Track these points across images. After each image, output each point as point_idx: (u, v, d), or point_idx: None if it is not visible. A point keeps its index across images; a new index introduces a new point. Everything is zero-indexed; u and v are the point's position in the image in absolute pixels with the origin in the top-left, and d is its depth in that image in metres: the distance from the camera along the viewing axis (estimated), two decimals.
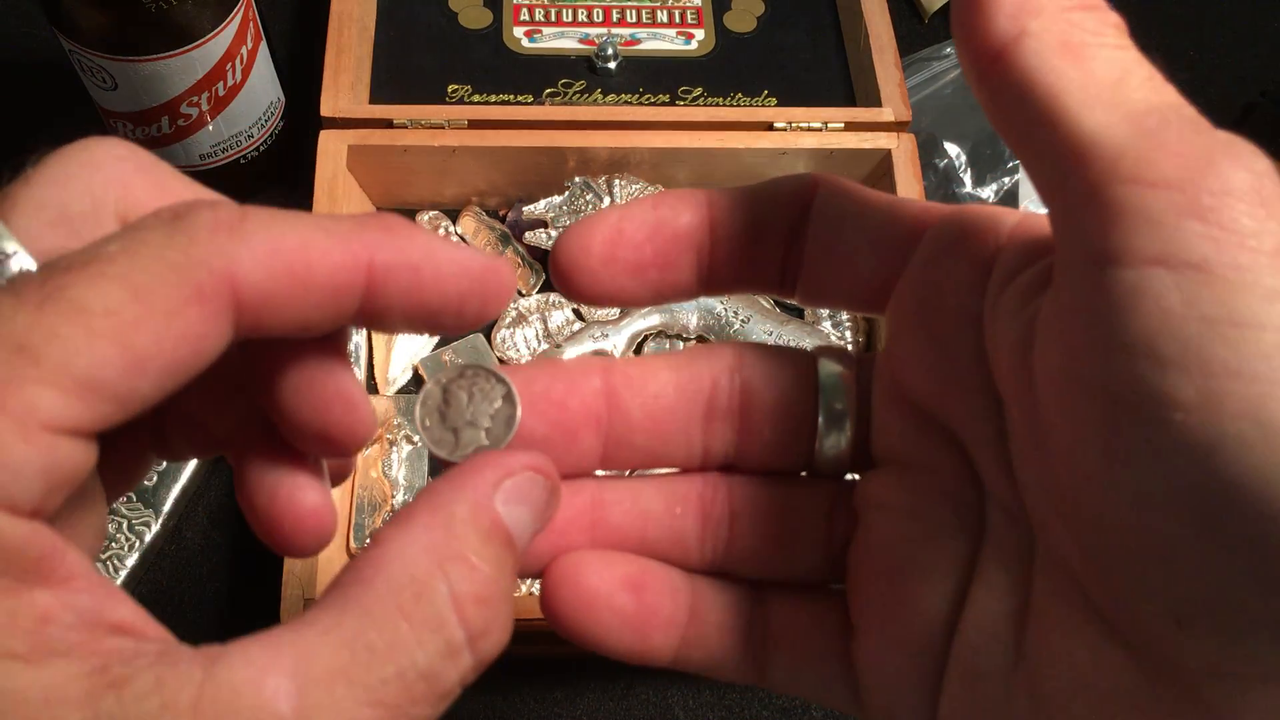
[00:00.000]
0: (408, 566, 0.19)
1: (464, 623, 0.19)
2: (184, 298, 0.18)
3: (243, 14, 0.54)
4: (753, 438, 0.24)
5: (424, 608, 0.19)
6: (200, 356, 0.18)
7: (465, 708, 0.52)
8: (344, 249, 0.19)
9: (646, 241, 0.24)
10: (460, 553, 0.20)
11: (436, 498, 0.20)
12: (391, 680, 0.18)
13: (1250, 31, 0.77)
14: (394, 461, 0.54)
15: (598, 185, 0.58)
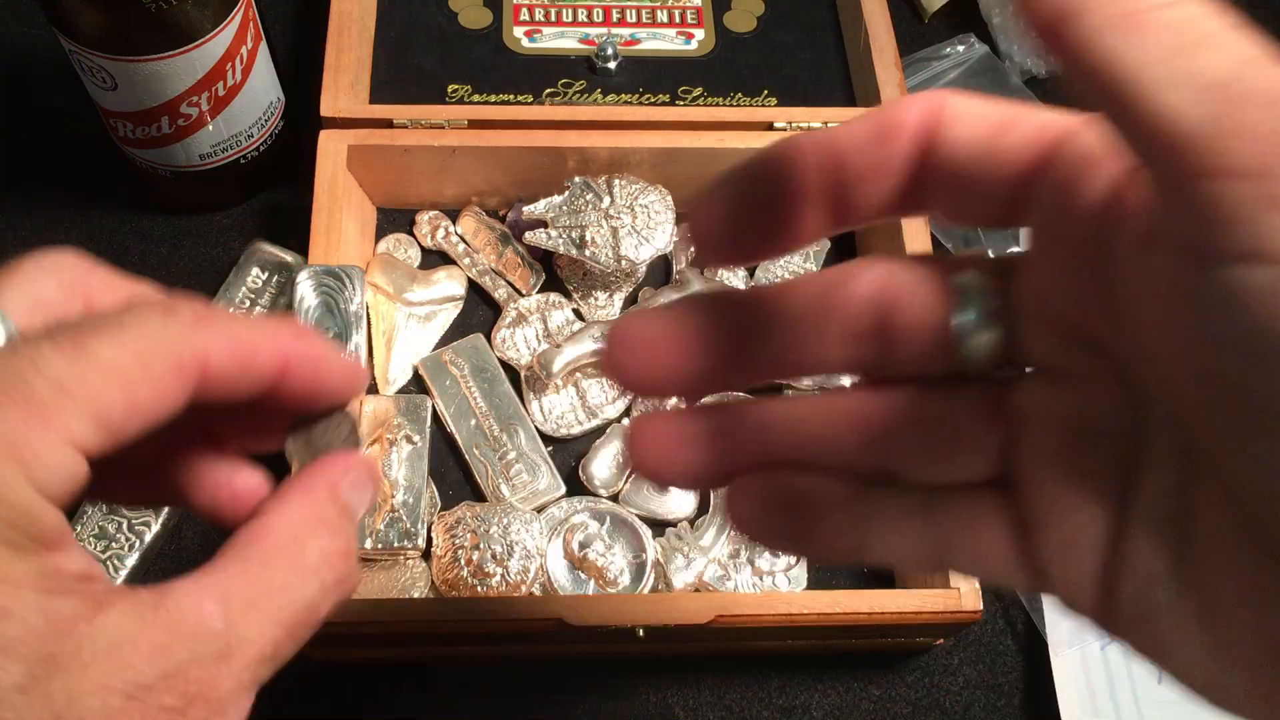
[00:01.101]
0: (291, 529, 0.26)
1: (332, 569, 0.26)
2: (170, 368, 0.24)
3: (243, 14, 0.54)
4: (901, 345, 0.25)
5: (305, 558, 0.26)
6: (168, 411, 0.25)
7: (466, 707, 0.52)
8: (273, 345, 0.27)
9: None
10: (325, 519, 0.27)
11: (304, 480, 0.28)
12: (286, 608, 0.25)
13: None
14: (394, 461, 0.54)
15: (598, 185, 0.58)
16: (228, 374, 0.26)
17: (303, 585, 0.26)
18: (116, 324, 0.24)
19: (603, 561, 0.52)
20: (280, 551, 0.26)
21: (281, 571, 0.25)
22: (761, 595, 0.51)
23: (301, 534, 0.26)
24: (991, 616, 0.56)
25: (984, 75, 0.70)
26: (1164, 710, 0.54)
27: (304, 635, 0.26)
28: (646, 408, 0.56)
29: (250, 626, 0.24)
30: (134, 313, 0.25)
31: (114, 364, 0.24)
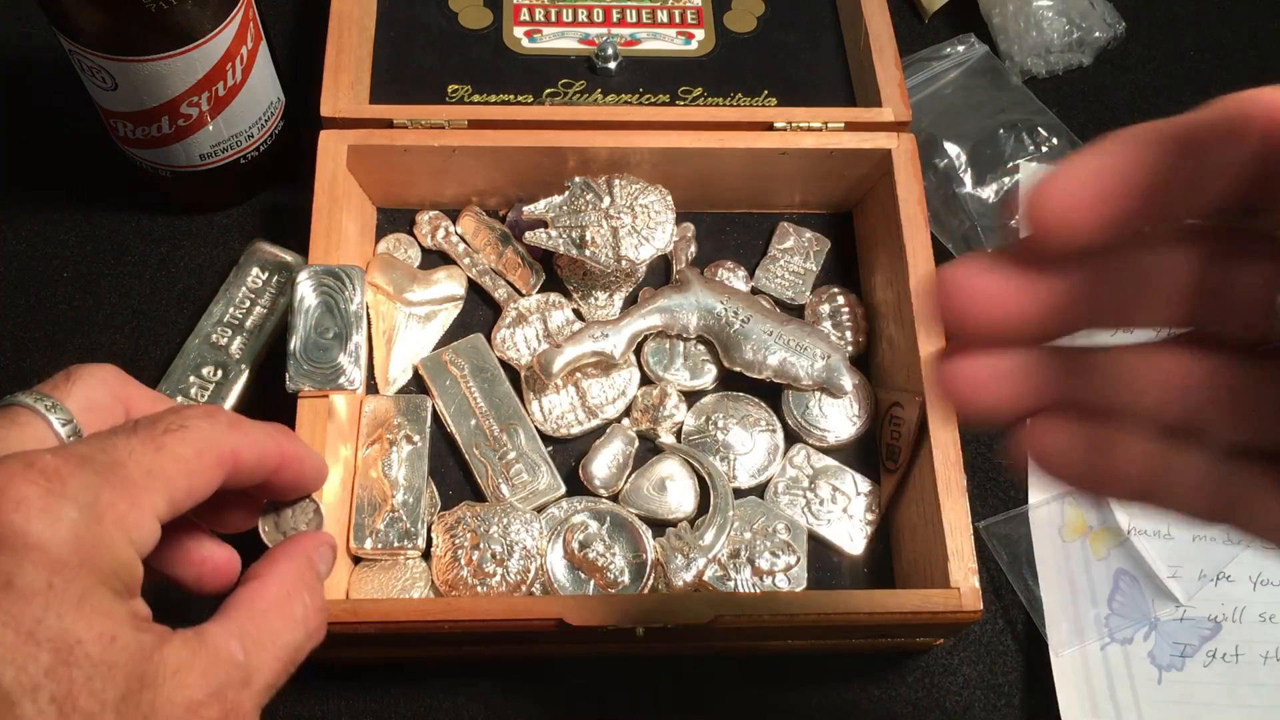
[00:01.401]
0: (283, 588, 0.34)
1: (312, 621, 0.35)
2: (214, 462, 0.33)
3: (243, 14, 0.54)
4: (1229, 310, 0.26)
5: (295, 611, 0.34)
6: (209, 494, 0.33)
7: (465, 707, 0.52)
8: (276, 446, 0.35)
9: None
10: (306, 582, 0.35)
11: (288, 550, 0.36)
12: (284, 648, 0.33)
13: (1250, 31, 0.77)
14: (394, 461, 0.54)
15: (598, 185, 0.58)
16: (249, 468, 0.34)
17: (294, 631, 0.34)
18: (180, 425, 0.32)
19: (603, 561, 0.52)
20: (277, 605, 0.34)
21: (278, 620, 0.33)
22: (761, 595, 0.51)
23: (292, 592, 0.34)
24: (991, 616, 0.56)
25: (984, 75, 0.70)
26: (1164, 710, 0.54)
27: (291, 671, 0.34)
28: (647, 406, 0.56)
29: (261, 660, 0.32)
30: (188, 416, 0.33)
31: (182, 457, 0.32)
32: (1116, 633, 0.56)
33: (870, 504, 0.56)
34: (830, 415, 0.57)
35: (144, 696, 0.28)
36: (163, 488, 0.31)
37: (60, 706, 0.27)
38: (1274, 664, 0.56)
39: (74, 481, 0.29)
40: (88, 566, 0.28)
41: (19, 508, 0.28)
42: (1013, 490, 0.59)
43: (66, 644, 0.27)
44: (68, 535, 0.28)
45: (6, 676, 0.26)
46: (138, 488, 0.30)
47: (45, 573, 0.27)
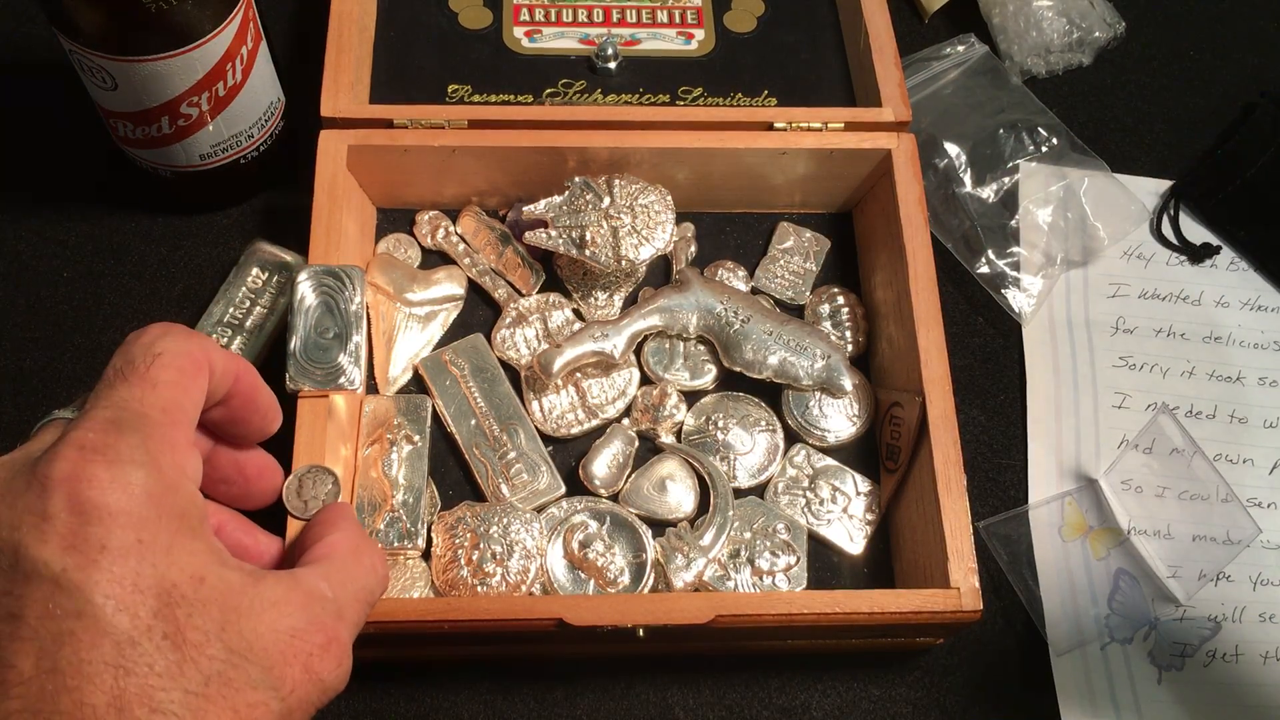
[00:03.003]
0: (352, 543, 0.38)
1: (378, 570, 0.38)
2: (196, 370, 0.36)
3: (243, 14, 0.54)
4: None
5: (364, 560, 0.38)
6: (203, 401, 0.36)
7: (465, 707, 0.52)
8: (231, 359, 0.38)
9: None
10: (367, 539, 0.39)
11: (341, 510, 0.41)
12: (362, 590, 0.37)
13: (1250, 31, 0.77)
14: (394, 461, 0.54)
15: (598, 185, 0.58)
16: (218, 377, 0.37)
17: (367, 576, 0.37)
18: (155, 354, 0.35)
19: (603, 561, 0.52)
20: (351, 554, 0.38)
21: (355, 566, 0.37)
22: (761, 595, 0.51)
23: (360, 545, 0.38)
24: (991, 616, 0.56)
25: (984, 75, 0.70)
26: (1164, 710, 0.54)
27: (368, 612, 0.38)
28: (647, 406, 0.56)
29: (347, 599, 0.36)
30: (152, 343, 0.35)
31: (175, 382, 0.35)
32: (1116, 633, 0.56)
33: (870, 504, 0.56)
34: (830, 415, 0.57)
35: (244, 624, 0.32)
36: (181, 417, 0.35)
37: (173, 641, 0.31)
38: (1274, 664, 0.56)
39: (123, 446, 0.32)
40: (165, 517, 0.32)
41: (94, 485, 0.31)
42: (1013, 490, 0.59)
43: (164, 588, 0.31)
44: (141, 495, 0.32)
45: (123, 622, 0.30)
46: (167, 427, 0.34)
47: (133, 532, 0.31)
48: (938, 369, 0.53)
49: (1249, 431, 0.62)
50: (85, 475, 0.31)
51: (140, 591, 0.31)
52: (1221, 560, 0.56)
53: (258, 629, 0.32)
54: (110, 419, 0.33)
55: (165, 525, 0.32)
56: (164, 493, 0.32)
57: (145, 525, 0.32)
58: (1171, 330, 0.65)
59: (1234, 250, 0.68)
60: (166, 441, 0.33)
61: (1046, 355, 0.63)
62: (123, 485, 0.32)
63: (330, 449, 0.50)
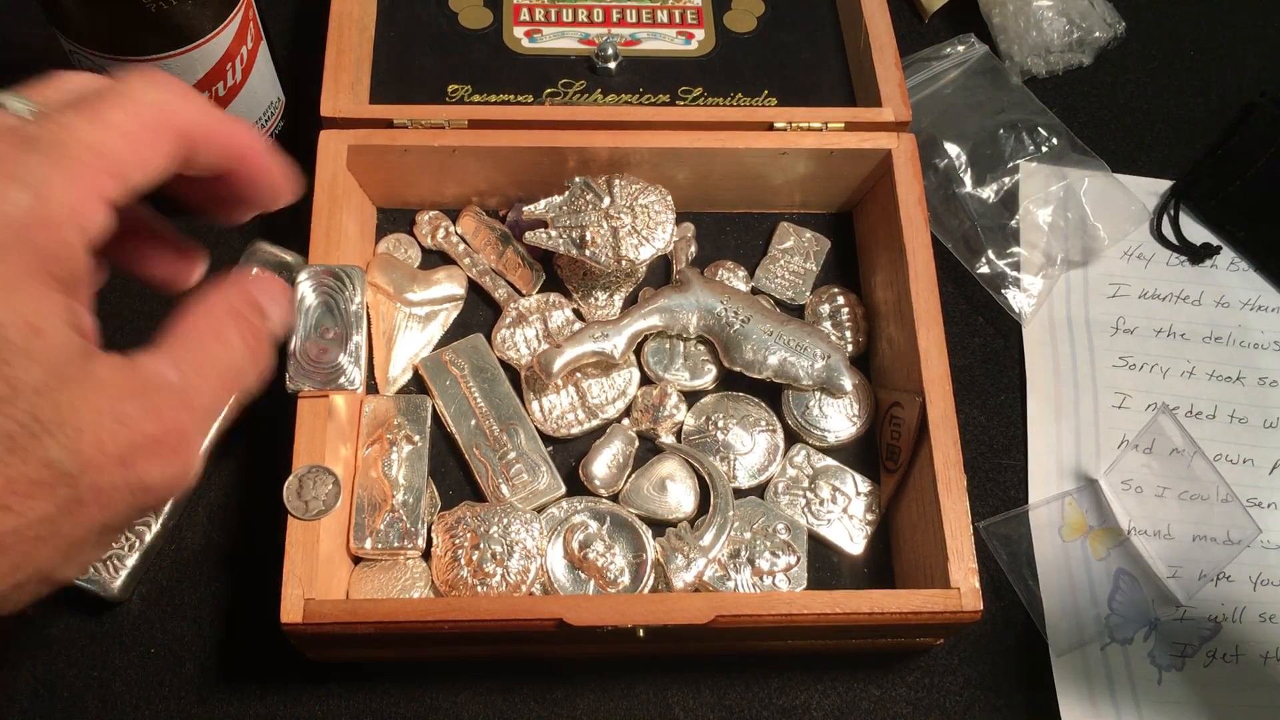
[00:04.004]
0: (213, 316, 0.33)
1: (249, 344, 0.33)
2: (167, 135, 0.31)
3: (243, 14, 0.54)
4: None
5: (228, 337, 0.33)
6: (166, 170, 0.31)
7: (465, 707, 0.52)
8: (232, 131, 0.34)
9: None
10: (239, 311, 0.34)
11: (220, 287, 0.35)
12: (222, 372, 0.32)
13: (1250, 31, 0.77)
14: (394, 461, 0.54)
15: (598, 185, 0.58)
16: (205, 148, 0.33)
17: (230, 354, 0.33)
18: (124, 94, 0.30)
19: (603, 561, 0.52)
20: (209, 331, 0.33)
21: (213, 344, 0.33)
22: (761, 595, 0.51)
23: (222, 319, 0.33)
24: (991, 616, 0.56)
25: (984, 75, 0.70)
26: (1164, 710, 0.54)
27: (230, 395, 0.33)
28: (647, 406, 0.56)
29: (198, 382, 0.31)
30: (134, 84, 0.31)
31: (129, 132, 0.30)
32: (1116, 633, 0.56)
33: (870, 504, 0.56)
34: (830, 415, 0.57)
35: (63, 394, 0.28)
36: (111, 168, 0.30)
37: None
38: (1274, 664, 0.56)
39: (21, 165, 0.28)
40: (26, 252, 0.28)
41: None
42: (1013, 490, 0.59)
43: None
44: (7, 217, 0.27)
45: None
46: (84, 169, 0.29)
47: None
48: (938, 369, 0.53)
49: (1249, 431, 0.62)
50: None
51: None
52: (1221, 560, 0.56)
53: (75, 404, 0.28)
54: (30, 133, 0.29)
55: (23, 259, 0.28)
56: (39, 227, 0.28)
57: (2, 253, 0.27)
58: (1171, 330, 0.65)
59: (1234, 250, 0.68)
60: (76, 181, 0.29)
61: (1046, 355, 0.63)
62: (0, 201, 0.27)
63: (330, 449, 0.50)
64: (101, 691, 0.52)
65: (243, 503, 0.56)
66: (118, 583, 0.52)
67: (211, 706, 0.52)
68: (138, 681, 0.52)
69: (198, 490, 0.56)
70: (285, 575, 0.46)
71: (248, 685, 0.52)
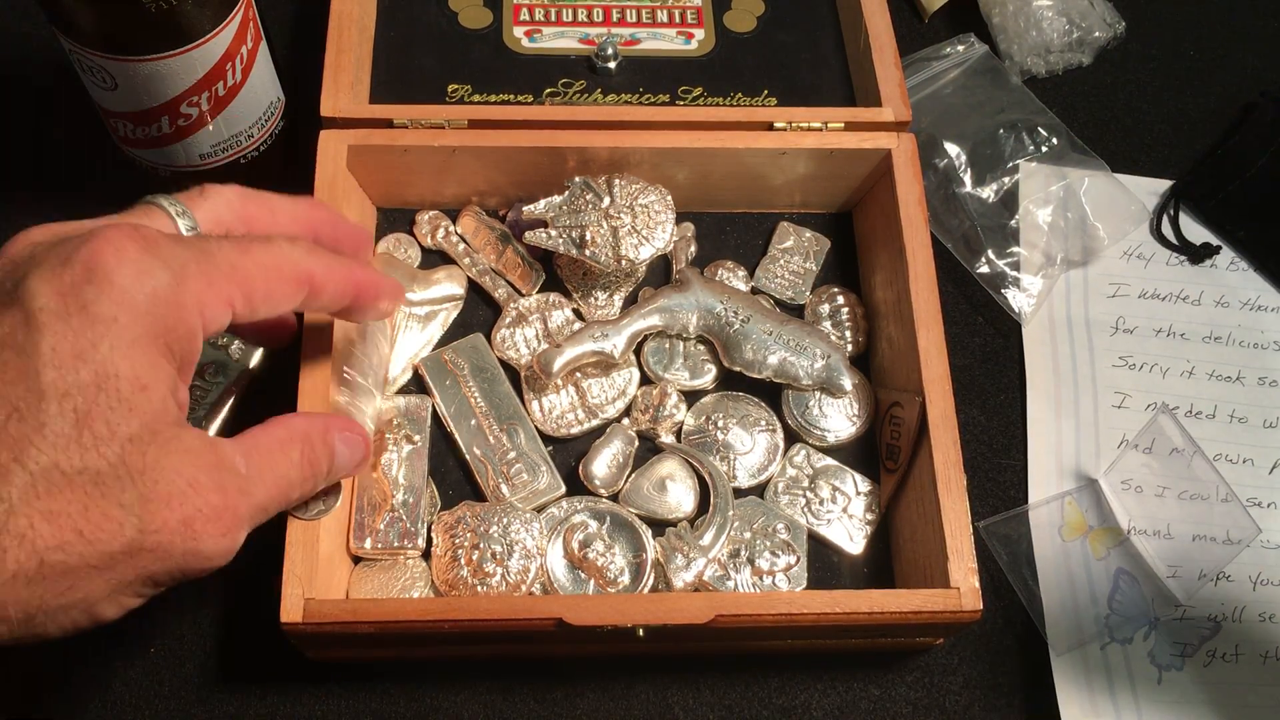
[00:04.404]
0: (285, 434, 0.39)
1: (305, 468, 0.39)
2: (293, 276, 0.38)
3: (243, 14, 0.54)
4: None
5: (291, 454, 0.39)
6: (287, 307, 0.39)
7: (465, 707, 0.52)
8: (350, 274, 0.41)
9: None
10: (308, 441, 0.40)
11: (303, 415, 0.42)
12: (278, 479, 0.37)
13: (1250, 31, 0.77)
14: (394, 461, 0.54)
15: (598, 185, 0.58)
16: (328, 292, 0.39)
17: (289, 469, 0.38)
18: (269, 240, 0.37)
19: (603, 561, 0.52)
20: (278, 444, 0.38)
21: (278, 455, 0.38)
22: (761, 595, 0.51)
23: (291, 440, 0.39)
24: (991, 616, 0.56)
25: (984, 75, 0.70)
26: (1164, 710, 0.54)
27: (282, 505, 0.38)
28: (647, 406, 0.56)
29: (258, 479, 0.36)
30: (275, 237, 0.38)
31: (264, 264, 0.36)
32: (1116, 633, 0.56)
33: (870, 504, 0.56)
34: (830, 415, 0.57)
35: (151, 449, 0.32)
36: (242, 281, 0.35)
37: (78, 419, 0.30)
38: (1274, 664, 0.56)
39: (168, 252, 0.33)
40: (155, 321, 0.32)
41: (114, 253, 0.32)
42: (1013, 490, 0.59)
43: (106, 372, 0.31)
44: (149, 290, 0.32)
45: (49, 377, 0.30)
46: (220, 274, 0.35)
47: (117, 310, 0.31)
48: (938, 369, 0.53)
49: (1249, 431, 0.62)
50: (118, 243, 0.32)
51: (83, 361, 0.31)
52: (1221, 560, 0.56)
53: (160, 462, 0.32)
54: (181, 239, 0.34)
55: (147, 328, 0.32)
56: (168, 308, 0.33)
57: (132, 315, 0.32)
58: (1171, 330, 0.65)
59: (1234, 250, 0.68)
60: (210, 283, 0.34)
61: (1046, 355, 0.63)
62: (139, 271, 0.32)
63: None
64: (101, 691, 0.52)
65: None
66: None
67: (211, 706, 0.52)
68: (138, 681, 0.52)
69: None
70: (285, 575, 0.46)
71: (248, 685, 0.52)
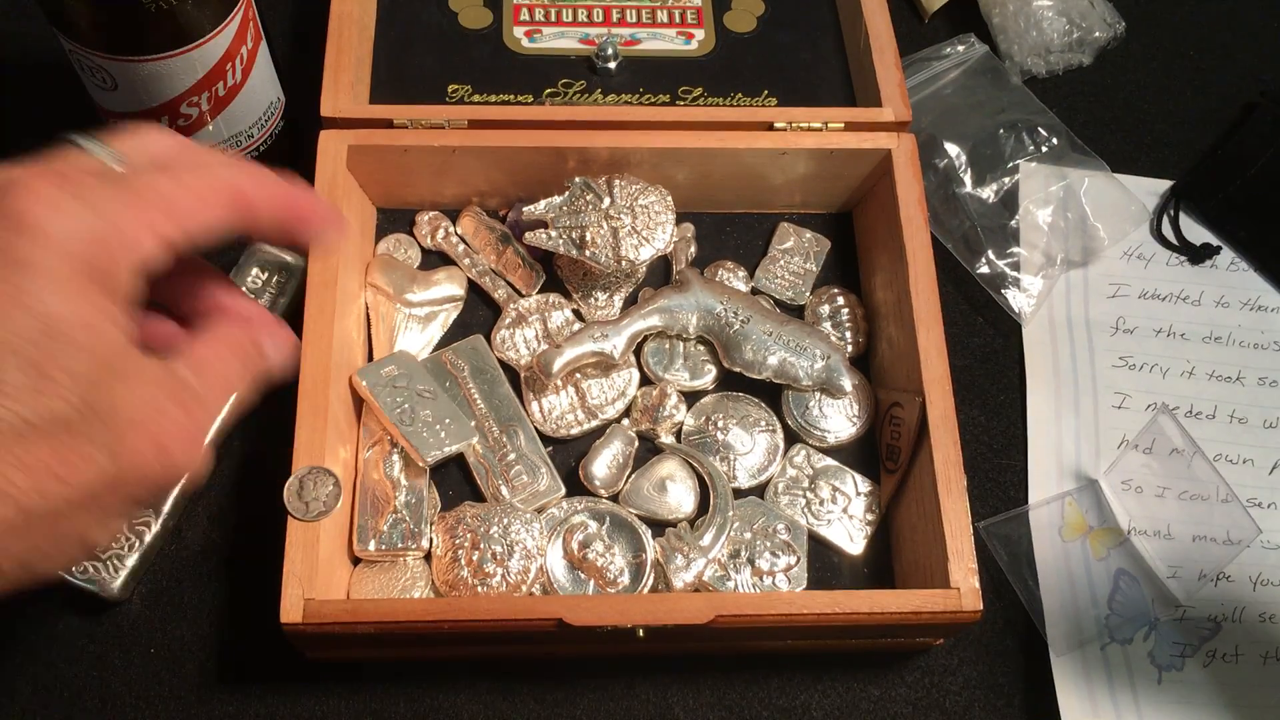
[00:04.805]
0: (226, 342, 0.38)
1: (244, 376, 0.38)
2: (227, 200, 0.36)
3: (243, 14, 0.54)
4: None
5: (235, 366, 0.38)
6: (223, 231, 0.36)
7: (465, 707, 0.52)
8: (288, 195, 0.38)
9: None
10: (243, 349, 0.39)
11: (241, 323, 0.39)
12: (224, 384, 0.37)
13: (1250, 31, 0.77)
14: (394, 462, 0.54)
15: (598, 185, 0.58)
16: (262, 214, 0.37)
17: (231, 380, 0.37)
18: (202, 165, 0.36)
19: (603, 561, 0.52)
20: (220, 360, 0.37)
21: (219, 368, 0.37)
22: (761, 595, 0.51)
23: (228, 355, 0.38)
24: (991, 616, 0.56)
25: (984, 75, 0.70)
26: (1164, 710, 0.54)
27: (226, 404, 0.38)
28: (647, 406, 0.56)
29: (209, 392, 0.36)
30: (206, 157, 0.37)
31: (195, 190, 0.35)
32: (1116, 633, 0.56)
33: (870, 504, 0.56)
34: (830, 415, 0.57)
35: (114, 384, 0.32)
36: (174, 213, 0.34)
37: (37, 370, 0.30)
38: (1274, 664, 0.56)
39: (93, 191, 0.32)
40: (88, 262, 0.32)
41: (37, 200, 0.31)
42: (1013, 490, 0.59)
43: (51, 321, 0.30)
44: (76, 230, 0.31)
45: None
46: (150, 208, 0.34)
47: (48, 256, 0.31)
48: (938, 369, 0.53)
49: (1249, 431, 0.62)
50: (36, 188, 0.32)
51: (29, 314, 0.30)
52: (1221, 560, 0.56)
53: (123, 393, 0.32)
54: (106, 175, 0.33)
55: (81, 269, 0.32)
56: (100, 245, 0.32)
57: (65, 258, 0.31)
58: (1171, 330, 0.65)
59: (1234, 250, 0.68)
60: (136, 214, 0.33)
61: (1046, 355, 0.63)
62: (64, 214, 0.32)
63: (330, 450, 0.50)
64: (101, 691, 0.52)
65: (243, 503, 0.56)
66: (117, 583, 0.52)
67: (211, 706, 0.52)
68: (138, 681, 0.52)
69: (198, 490, 0.55)
70: (285, 575, 0.46)
71: (248, 685, 0.52)
